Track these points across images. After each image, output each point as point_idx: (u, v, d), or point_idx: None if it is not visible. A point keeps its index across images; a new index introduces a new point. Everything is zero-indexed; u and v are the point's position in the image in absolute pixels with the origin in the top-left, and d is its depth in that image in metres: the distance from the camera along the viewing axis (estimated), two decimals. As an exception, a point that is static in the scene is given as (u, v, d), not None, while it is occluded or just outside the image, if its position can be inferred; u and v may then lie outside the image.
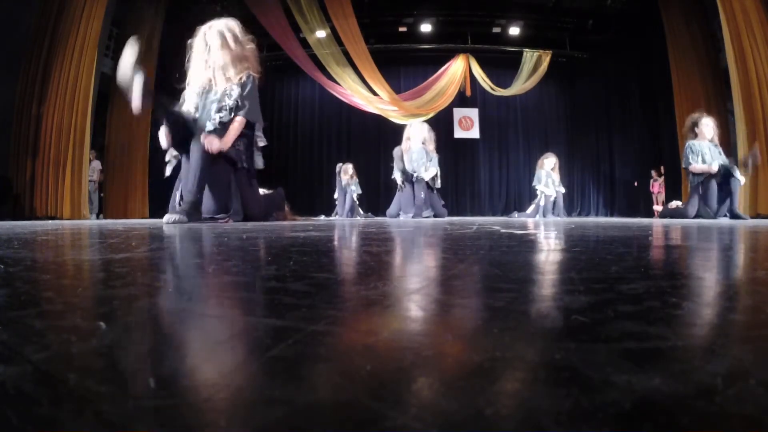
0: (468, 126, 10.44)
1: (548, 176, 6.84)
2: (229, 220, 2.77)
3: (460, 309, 0.38)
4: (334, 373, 0.22)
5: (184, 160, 2.81)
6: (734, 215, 4.29)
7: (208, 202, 2.81)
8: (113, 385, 0.20)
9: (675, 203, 5.25)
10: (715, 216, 4.32)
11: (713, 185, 4.38)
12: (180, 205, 2.87)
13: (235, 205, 2.84)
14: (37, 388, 0.19)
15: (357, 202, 7.47)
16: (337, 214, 7.34)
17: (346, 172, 7.50)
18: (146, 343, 0.28)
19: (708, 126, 4.58)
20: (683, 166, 4.74)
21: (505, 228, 1.92)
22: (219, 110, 2.89)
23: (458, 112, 10.30)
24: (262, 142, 3.05)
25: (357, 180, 7.62)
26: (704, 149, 4.54)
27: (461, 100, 9.97)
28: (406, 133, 5.78)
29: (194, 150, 2.68)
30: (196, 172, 2.66)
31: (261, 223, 2.60)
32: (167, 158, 2.92)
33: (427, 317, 0.35)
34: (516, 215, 7.10)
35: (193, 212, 2.67)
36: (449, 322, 0.34)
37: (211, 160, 2.75)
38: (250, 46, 3.10)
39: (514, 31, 9.37)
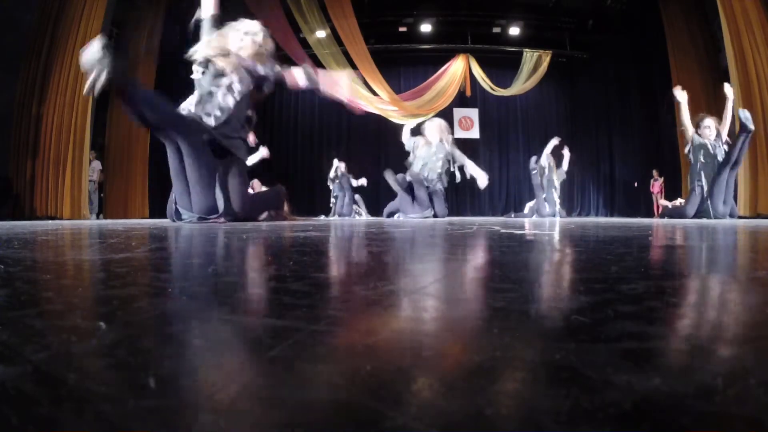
0: (468, 126, 10.44)
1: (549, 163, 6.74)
2: (221, 219, 2.73)
3: (460, 309, 0.38)
4: (334, 373, 0.22)
5: (172, 160, 2.74)
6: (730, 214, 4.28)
7: (198, 202, 2.77)
8: (113, 385, 0.20)
9: (678, 201, 5.21)
10: (719, 216, 4.28)
11: (720, 182, 4.33)
12: (176, 210, 2.84)
13: (225, 204, 2.79)
14: (37, 388, 0.19)
15: (355, 200, 7.35)
16: (336, 213, 7.25)
17: (339, 169, 7.42)
18: (146, 343, 0.28)
19: (709, 127, 4.57)
20: (685, 151, 4.69)
21: (505, 228, 1.92)
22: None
23: (458, 112, 10.30)
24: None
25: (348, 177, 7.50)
26: (707, 145, 4.52)
27: (461, 100, 9.97)
28: (425, 132, 5.58)
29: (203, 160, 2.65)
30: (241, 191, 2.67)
31: (260, 224, 2.60)
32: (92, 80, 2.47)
33: (426, 317, 0.35)
34: (512, 215, 7.05)
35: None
36: (449, 322, 0.34)
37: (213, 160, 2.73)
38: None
39: (514, 31, 9.38)
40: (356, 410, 0.17)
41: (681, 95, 4.59)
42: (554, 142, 6.65)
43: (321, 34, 8.10)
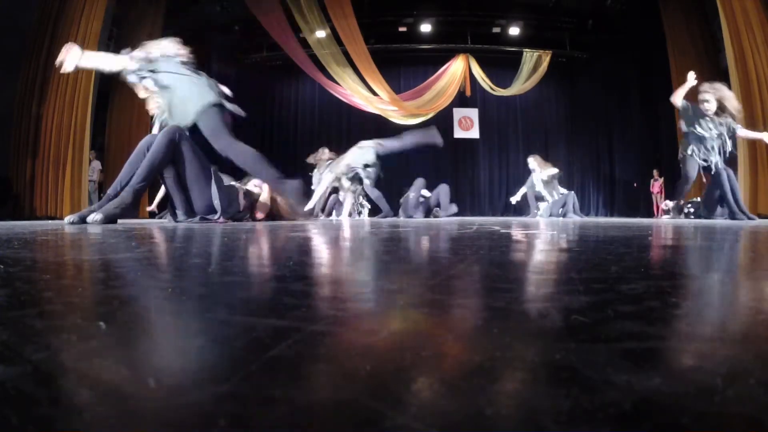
0: (468, 126, 10.44)
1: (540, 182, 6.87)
2: (221, 219, 2.74)
3: (460, 309, 0.38)
4: (334, 373, 0.22)
5: (168, 170, 2.72)
6: (735, 214, 4.02)
7: (197, 202, 2.77)
8: (113, 385, 0.20)
9: (671, 203, 5.10)
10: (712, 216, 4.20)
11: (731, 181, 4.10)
12: (175, 212, 2.82)
13: (223, 204, 2.79)
14: (37, 388, 0.19)
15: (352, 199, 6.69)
16: (321, 213, 6.21)
17: (321, 158, 6.34)
18: (146, 343, 0.28)
19: (708, 101, 4.18)
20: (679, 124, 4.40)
21: (505, 228, 1.92)
22: None
23: (458, 112, 10.30)
24: None
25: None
26: (703, 118, 4.22)
27: (461, 100, 9.97)
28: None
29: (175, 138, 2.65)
30: (156, 157, 2.56)
31: (252, 224, 2.60)
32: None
33: (427, 317, 0.35)
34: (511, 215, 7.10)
35: (131, 208, 2.51)
36: (449, 322, 0.34)
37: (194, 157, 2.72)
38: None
39: (514, 31, 9.38)
40: (356, 410, 0.17)
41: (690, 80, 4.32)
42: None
43: (321, 34, 8.10)
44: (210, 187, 2.77)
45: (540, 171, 6.84)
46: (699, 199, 4.81)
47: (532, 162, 6.96)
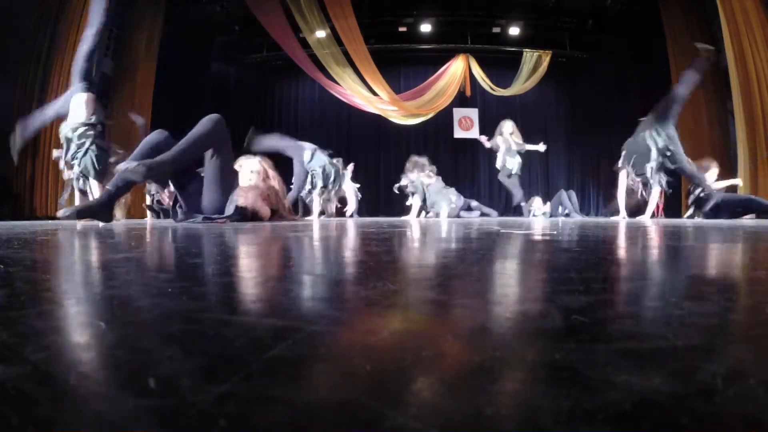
0: (468, 126, 10.44)
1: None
2: (227, 221, 2.74)
3: (460, 309, 0.38)
4: (334, 373, 0.22)
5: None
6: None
7: (209, 198, 2.78)
8: (113, 385, 0.20)
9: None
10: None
11: None
12: (175, 211, 2.84)
13: (230, 209, 2.79)
14: (37, 388, 0.19)
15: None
16: (325, 213, 6.05)
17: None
18: (146, 343, 0.28)
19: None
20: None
21: (505, 228, 1.92)
22: None
23: (458, 112, 10.30)
24: None
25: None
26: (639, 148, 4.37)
27: (461, 100, 9.97)
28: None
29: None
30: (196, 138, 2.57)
31: (252, 224, 2.60)
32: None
33: (427, 317, 0.35)
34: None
35: (166, 171, 2.51)
36: (449, 322, 0.34)
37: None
38: None
39: (514, 31, 9.38)
40: (356, 410, 0.17)
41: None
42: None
43: (321, 34, 8.10)
44: (231, 189, 2.80)
45: (507, 136, 6.71)
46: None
47: (508, 125, 6.81)
